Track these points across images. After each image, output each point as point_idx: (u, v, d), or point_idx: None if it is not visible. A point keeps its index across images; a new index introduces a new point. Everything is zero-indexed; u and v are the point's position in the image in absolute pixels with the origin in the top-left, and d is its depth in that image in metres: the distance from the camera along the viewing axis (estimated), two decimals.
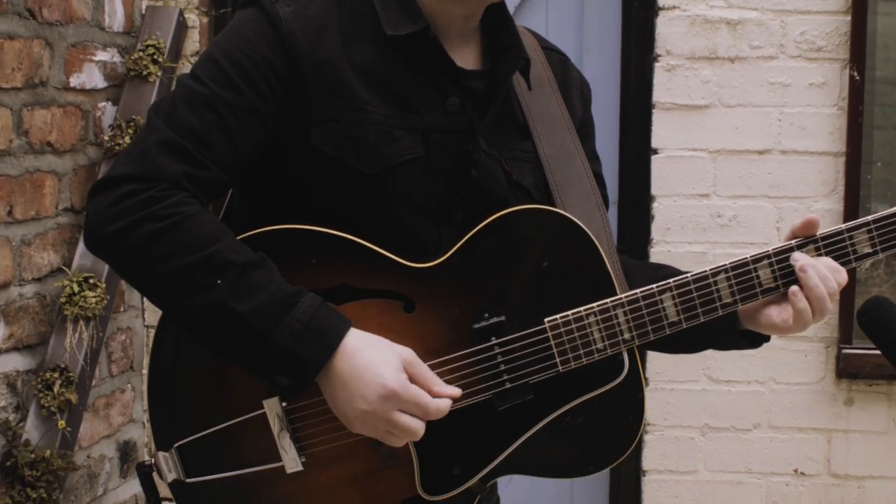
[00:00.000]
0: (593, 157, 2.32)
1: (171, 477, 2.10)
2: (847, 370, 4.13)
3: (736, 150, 4.13)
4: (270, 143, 2.06)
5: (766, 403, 4.21)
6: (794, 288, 2.08)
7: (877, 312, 2.05)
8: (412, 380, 1.97)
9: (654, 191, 4.17)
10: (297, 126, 2.05)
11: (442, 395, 1.98)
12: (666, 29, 4.12)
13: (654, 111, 4.15)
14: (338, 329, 1.96)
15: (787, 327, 2.13)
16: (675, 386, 4.22)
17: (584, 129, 2.32)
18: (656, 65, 4.14)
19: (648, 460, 4.28)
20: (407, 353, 1.99)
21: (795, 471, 4.22)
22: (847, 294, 4.07)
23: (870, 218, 2.12)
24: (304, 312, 1.94)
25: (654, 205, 4.16)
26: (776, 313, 2.13)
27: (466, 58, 2.16)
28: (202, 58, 2.08)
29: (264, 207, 2.10)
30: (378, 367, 1.95)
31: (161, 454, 2.10)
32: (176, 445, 2.09)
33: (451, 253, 2.08)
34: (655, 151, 4.16)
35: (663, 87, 4.14)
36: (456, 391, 2.00)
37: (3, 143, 3.36)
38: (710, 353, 4.10)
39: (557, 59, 2.33)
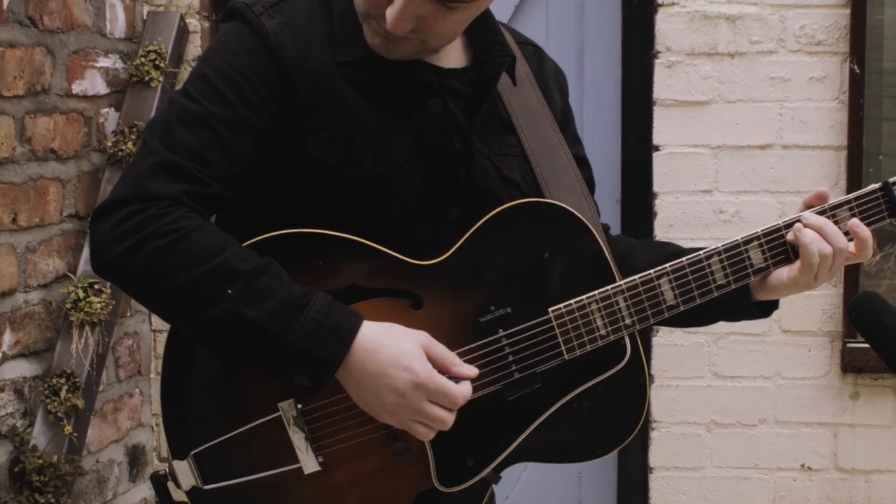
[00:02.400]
0: (576, 142, 2.37)
1: (188, 485, 2.11)
2: (852, 364, 4.13)
3: (737, 145, 4.13)
4: (265, 155, 2.08)
5: (771, 399, 4.21)
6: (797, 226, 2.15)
7: (866, 307, 2.08)
8: (432, 361, 2.00)
9: (656, 188, 4.17)
10: (292, 135, 2.07)
11: (461, 376, 2.02)
12: (665, 25, 4.12)
13: (654, 108, 4.15)
14: (351, 324, 1.98)
15: (796, 281, 2.17)
16: (681, 382, 4.23)
17: (565, 118, 2.36)
18: (656, 61, 4.14)
19: (655, 457, 4.29)
20: (422, 336, 2.02)
21: (802, 466, 4.23)
22: (853, 288, 4.09)
23: (876, 185, 2.21)
24: (316, 311, 1.96)
25: (657, 201, 4.17)
26: (786, 272, 2.18)
27: (450, 56, 2.19)
28: (193, 75, 2.09)
29: (257, 217, 2.11)
30: (402, 359, 1.98)
31: (177, 463, 2.11)
32: (193, 453, 2.10)
33: (455, 249, 2.11)
34: (657, 148, 4.16)
35: (664, 83, 4.14)
36: (473, 370, 2.04)
37: (7, 151, 3.37)
38: (715, 349, 4.19)
39: (532, 52, 2.37)
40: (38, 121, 3.52)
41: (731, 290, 2.18)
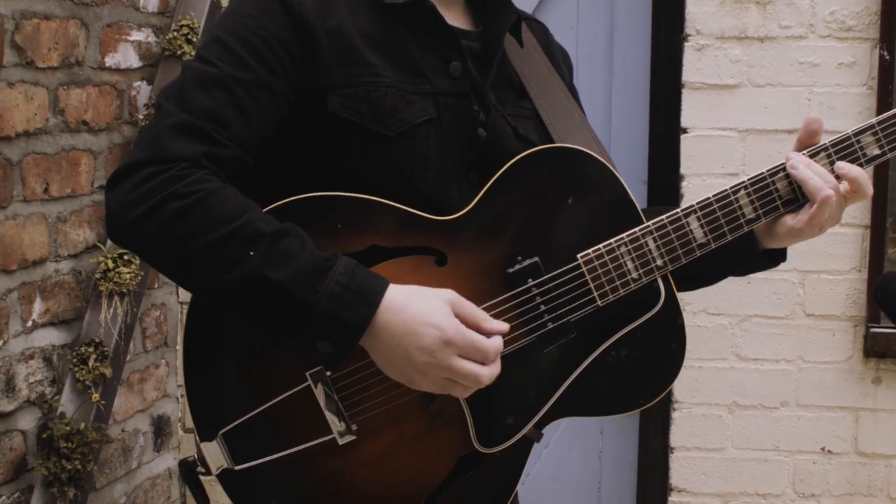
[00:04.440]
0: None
1: (218, 467, 2.06)
2: (875, 349, 4.12)
3: (765, 129, 4.12)
4: (284, 118, 2.04)
5: (793, 382, 4.21)
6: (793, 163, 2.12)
7: (891, 288, 2.07)
8: (460, 318, 1.94)
9: (683, 170, 4.16)
10: (313, 96, 2.04)
11: (491, 331, 1.96)
12: (695, 9, 4.11)
13: (683, 91, 4.14)
14: (377, 286, 1.93)
15: (802, 226, 2.13)
16: (703, 364, 4.22)
17: (572, 94, 2.35)
18: (686, 44, 4.13)
19: (676, 437, 4.29)
20: (450, 294, 1.96)
21: (823, 449, 4.23)
22: (877, 273, 4.05)
23: (874, 120, 2.16)
24: (341, 274, 1.91)
25: (684, 184, 4.16)
26: (790, 218, 2.14)
27: (457, 19, 2.18)
28: (206, 40, 2.05)
29: (277, 186, 2.07)
30: (429, 316, 1.92)
31: (205, 445, 2.06)
32: (221, 433, 2.05)
33: (476, 202, 2.07)
34: (685, 131, 4.15)
35: (693, 66, 4.13)
36: (503, 325, 1.99)
37: (40, 122, 3.40)
38: (738, 331, 4.19)
39: (539, 28, 2.37)
40: (71, 92, 3.54)
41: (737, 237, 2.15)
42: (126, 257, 3.70)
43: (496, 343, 1.95)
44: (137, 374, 4.03)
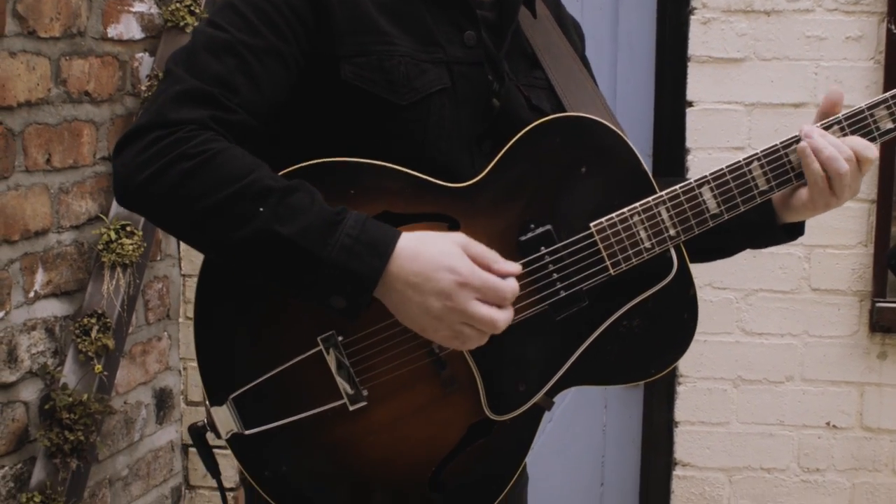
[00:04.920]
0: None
1: (228, 431, 2.06)
2: (881, 324, 4.11)
3: (771, 103, 4.09)
4: (295, 86, 2.03)
5: (798, 356, 4.20)
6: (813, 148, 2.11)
7: None
8: (472, 260, 1.93)
9: (689, 143, 4.15)
10: (325, 64, 2.03)
11: (504, 272, 1.95)
12: None
13: (689, 64, 4.12)
14: (388, 237, 1.92)
15: (814, 199, 2.13)
16: (709, 338, 4.22)
17: (585, 65, 2.34)
18: (692, 17, 4.11)
19: (681, 412, 4.29)
20: (460, 237, 1.95)
21: (828, 424, 4.22)
22: (882, 251, 4.07)
23: (888, 94, 2.16)
24: (351, 227, 1.90)
25: (689, 157, 4.14)
26: (805, 191, 2.14)
27: None
28: (218, 7, 2.04)
29: (289, 154, 2.05)
30: (443, 260, 1.91)
31: (215, 409, 2.06)
32: (232, 397, 2.05)
33: (489, 169, 2.06)
34: (690, 104, 4.14)
35: (699, 40, 4.11)
36: (516, 266, 1.98)
37: (42, 92, 3.38)
38: (743, 305, 4.18)
39: (551, 0, 2.35)
40: (73, 63, 3.53)
41: (755, 209, 2.15)
42: (129, 228, 3.69)
43: (513, 285, 1.95)
44: (140, 347, 4.02)
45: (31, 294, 3.39)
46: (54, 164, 3.46)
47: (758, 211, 2.17)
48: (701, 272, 4.04)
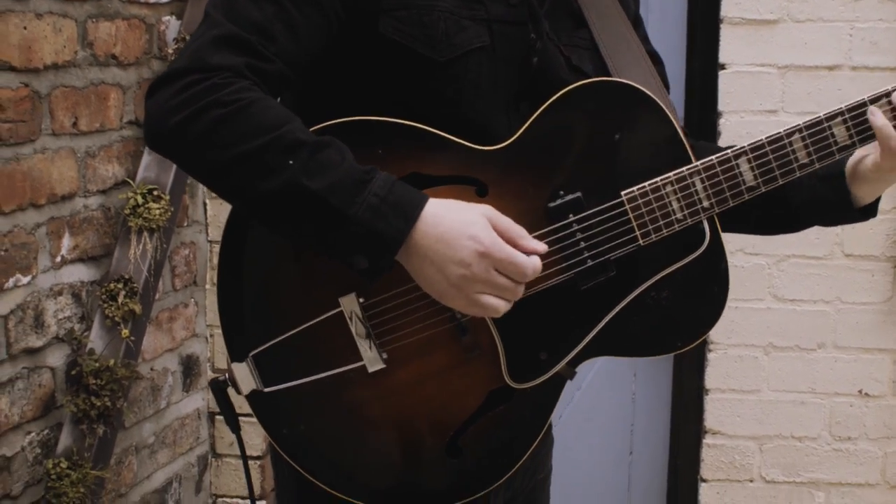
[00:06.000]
0: (646, 40, 2.31)
1: (248, 388, 2.06)
2: None
3: (805, 65, 4.04)
4: (333, 38, 2.01)
5: (831, 323, 4.17)
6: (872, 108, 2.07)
7: None
8: (498, 233, 1.91)
9: (721, 107, 4.10)
10: (363, 17, 2.01)
11: (529, 249, 1.93)
12: None
13: (721, 26, 4.07)
14: (416, 201, 1.90)
15: (879, 167, 2.10)
16: (740, 304, 4.18)
17: (637, 21, 2.31)
18: None
19: (711, 379, 4.26)
20: (488, 209, 1.93)
21: (860, 392, 4.19)
22: None
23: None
24: (380, 187, 1.88)
25: (721, 121, 4.10)
26: (870, 159, 2.10)
27: None
28: None
29: (323, 109, 2.03)
30: (466, 227, 1.89)
31: (236, 365, 2.07)
32: (252, 354, 2.06)
33: (521, 133, 2.03)
34: (723, 67, 4.09)
35: (732, 1, 4.05)
36: (542, 245, 1.96)
37: (69, 55, 3.36)
38: (775, 271, 4.15)
39: None
40: (99, 25, 3.50)
41: (818, 177, 2.12)
42: (156, 193, 3.67)
43: (535, 262, 1.93)
44: (166, 313, 4.01)
45: (58, 259, 3.37)
46: (81, 127, 3.44)
47: (831, 187, 2.15)
48: (732, 237, 3.95)
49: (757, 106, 4.07)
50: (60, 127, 3.34)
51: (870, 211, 2.22)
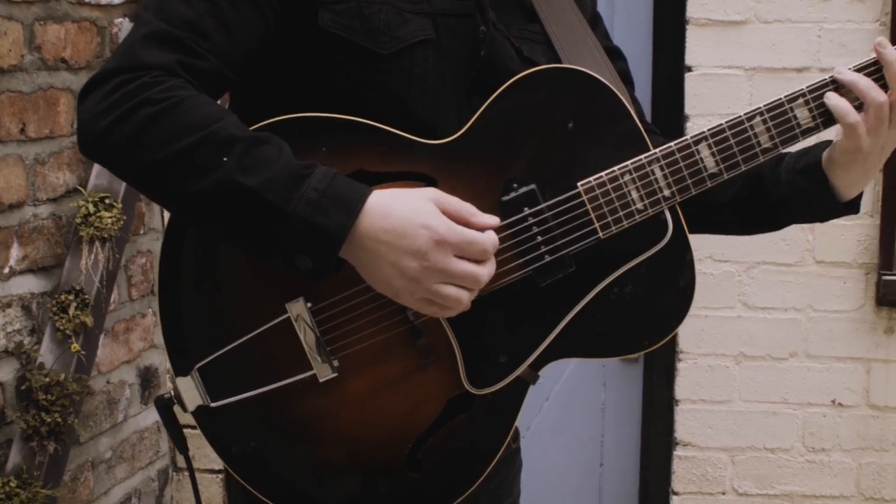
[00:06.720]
0: (606, 37, 2.25)
1: (194, 404, 2.00)
2: (888, 297, 4.03)
3: (773, 67, 4.00)
4: (271, 33, 1.95)
5: (803, 332, 4.12)
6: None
7: None
8: (447, 215, 1.84)
9: (687, 110, 4.06)
10: (301, 11, 1.95)
11: (482, 225, 1.87)
12: None
13: (688, 27, 4.02)
14: (358, 193, 1.83)
15: (858, 142, 2.01)
16: (710, 313, 4.14)
17: (594, 20, 2.25)
18: None
19: (681, 389, 4.21)
20: (432, 192, 1.87)
21: (833, 402, 4.15)
22: (889, 221, 3.99)
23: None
24: (319, 181, 1.81)
25: (688, 124, 4.06)
26: (846, 135, 2.02)
27: None
28: None
29: (263, 107, 1.98)
30: (416, 215, 1.82)
31: (180, 380, 2.00)
32: (197, 367, 2.00)
33: (470, 125, 1.97)
34: (689, 69, 4.05)
35: (698, 1, 4.00)
36: (494, 219, 1.89)
37: (15, 59, 3.28)
38: (745, 279, 4.10)
39: None
40: (48, 28, 3.42)
41: (796, 165, 2.08)
42: (108, 201, 3.59)
43: (492, 238, 1.86)
44: (123, 324, 3.92)
45: (6, 270, 3.29)
46: (29, 133, 3.36)
47: (810, 180, 2.09)
48: (700, 244, 3.98)
49: (724, 108, 4.01)
50: (7, 133, 3.26)
51: (852, 205, 2.16)
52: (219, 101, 1.94)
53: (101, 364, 3.76)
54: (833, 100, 1.99)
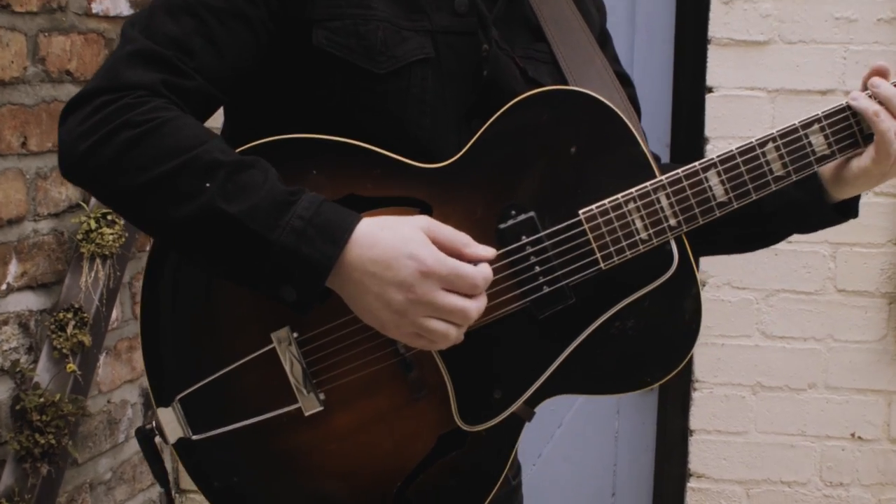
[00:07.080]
0: (615, 61, 2.18)
1: (175, 436, 1.94)
2: None
3: (796, 89, 3.94)
4: (263, 52, 1.90)
5: (822, 362, 4.07)
6: (876, 108, 1.93)
7: None
8: (439, 246, 1.78)
9: (708, 132, 4.00)
10: (296, 29, 1.89)
11: (476, 257, 1.80)
12: None
13: (709, 47, 3.98)
14: (346, 222, 1.77)
15: (871, 164, 1.95)
16: (727, 341, 4.09)
17: (603, 38, 2.19)
18: None
19: (696, 419, 4.16)
20: (424, 220, 1.80)
21: (853, 435, 4.09)
22: None
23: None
24: (304, 209, 1.76)
25: (708, 147, 4.00)
26: (858, 159, 1.97)
27: None
28: None
29: (256, 128, 1.91)
30: (404, 247, 1.76)
31: (161, 411, 1.94)
32: (179, 398, 1.94)
33: (468, 148, 1.91)
34: (710, 90, 3.99)
35: (720, 21, 3.95)
36: (490, 250, 1.83)
37: (17, 70, 3.24)
38: (764, 307, 4.04)
39: None
40: (53, 40, 3.39)
41: (792, 182, 1.97)
42: (110, 217, 3.56)
43: (485, 271, 1.79)
44: (125, 343, 3.88)
45: (4, 286, 3.25)
46: (31, 147, 3.33)
47: (804, 189, 2.02)
48: (719, 270, 4.00)
49: (746, 131, 3.95)
50: (8, 147, 3.24)
51: (849, 211, 2.10)
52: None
53: (103, 383, 3.72)
54: (883, 124, 1.93)
